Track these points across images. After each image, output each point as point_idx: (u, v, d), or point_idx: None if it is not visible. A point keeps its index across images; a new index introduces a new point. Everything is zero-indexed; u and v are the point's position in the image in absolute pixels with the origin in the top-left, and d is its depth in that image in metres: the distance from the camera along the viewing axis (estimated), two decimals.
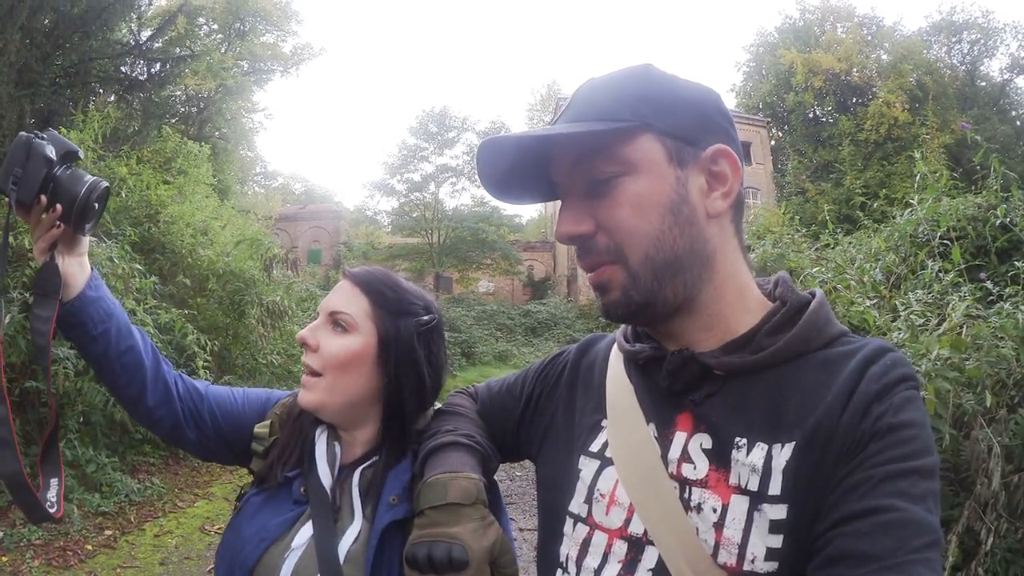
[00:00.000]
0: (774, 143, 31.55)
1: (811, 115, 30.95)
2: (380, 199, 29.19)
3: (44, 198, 0.93)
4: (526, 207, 51.08)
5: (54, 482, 1.00)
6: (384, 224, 29.03)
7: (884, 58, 29.90)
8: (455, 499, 0.82)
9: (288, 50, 24.52)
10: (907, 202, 3.82)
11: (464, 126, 26.79)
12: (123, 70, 9.10)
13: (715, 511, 0.65)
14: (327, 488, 0.95)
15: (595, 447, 0.78)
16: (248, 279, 7.48)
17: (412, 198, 26.95)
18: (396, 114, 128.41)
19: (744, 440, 0.66)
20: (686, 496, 0.68)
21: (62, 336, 0.99)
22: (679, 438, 0.71)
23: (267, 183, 41.25)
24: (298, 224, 29.30)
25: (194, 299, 7.00)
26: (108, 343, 0.99)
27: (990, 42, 30.77)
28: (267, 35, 23.37)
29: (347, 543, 0.91)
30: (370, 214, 29.50)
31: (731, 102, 32.38)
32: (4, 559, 3.80)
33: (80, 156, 0.98)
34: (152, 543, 4.41)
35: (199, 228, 7.37)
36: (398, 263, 23.93)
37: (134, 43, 9.60)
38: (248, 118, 24.67)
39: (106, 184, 1.00)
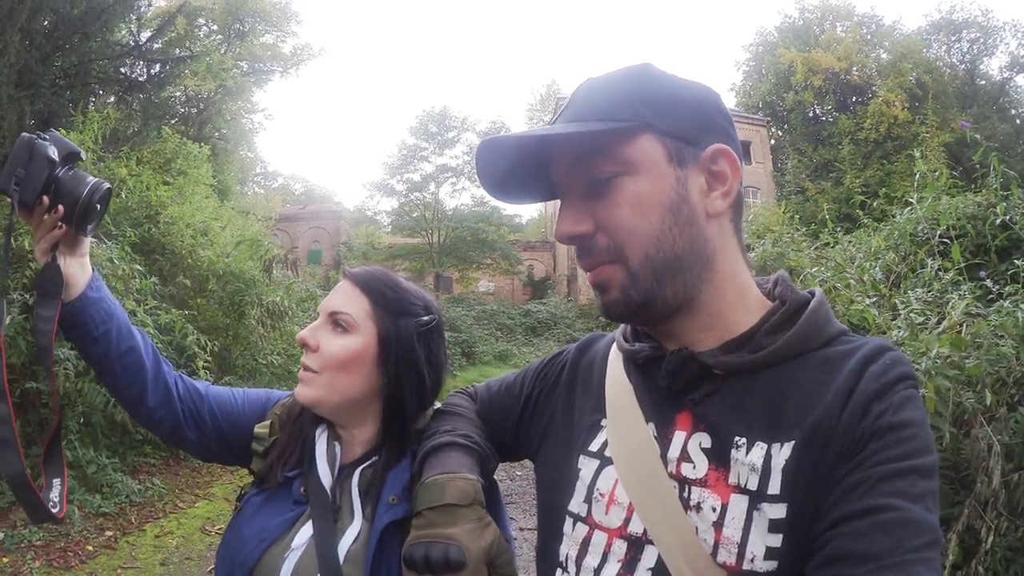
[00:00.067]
0: (774, 142, 31.54)
1: (811, 114, 30.95)
2: (380, 199, 29.25)
3: (46, 199, 0.93)
4: (526, 207, 51.14)
5: (56, 482, 1.00)
6: (384, 224, 29.02)
7: (884, 57, 29.91)
8: (452, 500, 0.82)
9: (288, 51, 24.56)
10: (907, 201, 3.83)
11: (464, 126, 26.79)
12: (123, 71, 9.09)
13: (714, 510, 0.65)
14: (327, 488, 0.95)
15: (594, 446, 0.78)
16: (248, 279, 7.48)
17: (412, 198, 26.93)
18: (396, 114, 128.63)
19: (743, 439, 0.66)
20: (685, 495, 0.68)
21: (63, 336, 0.99)
22: (678, 437, 0.71)
23: (267, 183, 41.34)
24: (298, 224, 29.31)
25: (194, 300, 7.00)
26: (109, 344, 0.99)
27: (990, 41, 30.78)
28: (267, 36, 23.37)
29: (347, 543, 0.91)
30: (370, 214, 29.50)
31: (731, 101, 32.39)
32: (5, 560, 3.81)
33: (82, 157, 0.99)
34: (153, 544, 4.41)
35: (199, 229, 7.37)
36: (398, 263, 23.92)
37: (134, 44, 9.58)
38: (248, 119, 24.70)
39: (108, 185, 1.00)
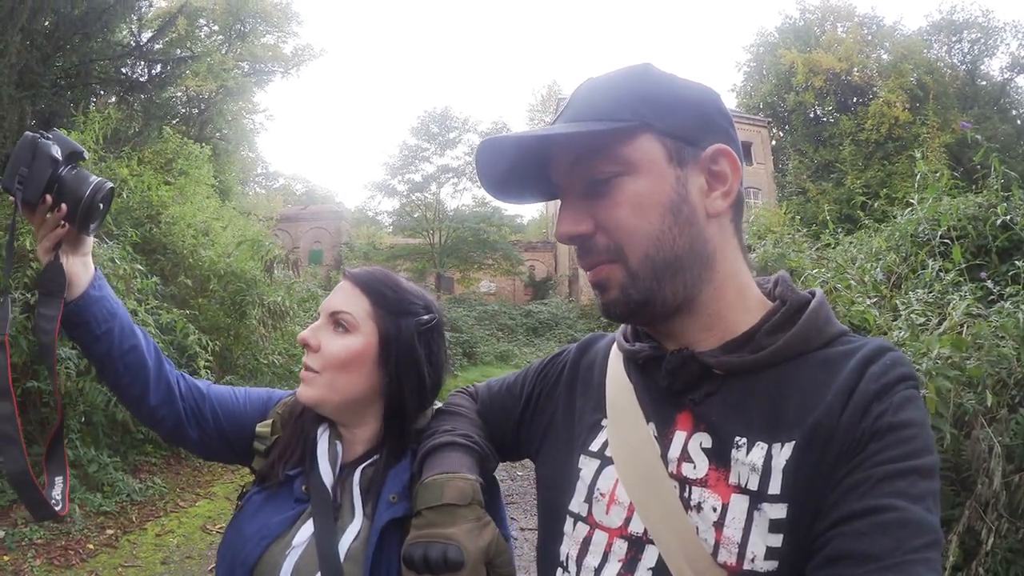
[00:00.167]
0: (775, 143, 31.54)
1: (812, 115, 30.93)
2: (381, 200, 29.19)
3: (49, 198, 0.94)
4: (527, 207, 51.27)
5: (59, 480, 1.00)
6: (385, 225, 29.01)
7: (884, 58, 29.90)
8: (451, 500, 0.82)
9: (289, 51, 24.58)
10: (908, 202, 3.82)
11: (465, 127, 26.76)
12: (124, 71, 9.11)
13: (715, 510, 0.65)
14: (328, 486, 0.96)
15: (595, 446, 0.78)
16: (249, 280, 7.49)
17: (413, 199, 26.91)
18: (397, 115, 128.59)
19: (744, 439, 0.66)
20: (686, 495, 0.67)
21: (66, 335, 0.99)
22: (679, 437, 0.71)
23: (268, 184, 41.39)
24: (299, 225, 29.33)
25: (195, 299, 7.01)
26: (111, 342, 0.99)
27: (990, 41, 30.79)
28: (267, 36, 23.40)
29: (347, 541, 0.91)
30: (371, 215, 29.48)
31: (732, 102, 32.39)
32: (6, 558, 3.81)
33: (85, 156, 0.99)
34: (154, 542, 4.42)
35: (200, 229, 7.38)
36: (399, 263, 23.91)
37: (135, 44, 9.59)
38: (249, 119, 24.71)
39: (111, 185, 1.00)
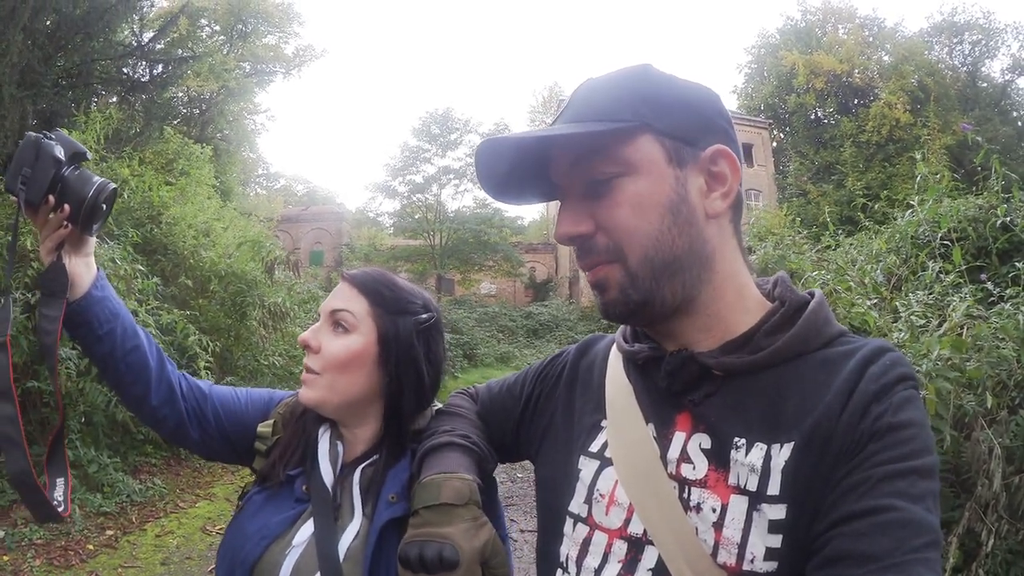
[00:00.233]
0: (775, 145, 31.55)
1: (813, 117, 30.94)
2: (382, 201, 29.23)
3: (52, 198, 0.93)
4: (528, 209, 51.31)
5: (60, 481, 1.00)
6: (386, 226, 28.99)
7: (885, 59, 29.91)
8: (448, 499, 0.82)
9: (290, 52, 24.61)
10: (908, 203, 3.82)
11: (467, 128, 26.73)
12: (125, 71, 9.11)
13: (714, 511, 0.65)
14: (328, 486, 0.96)
15: (595, 447, 0.78)
16: (250, 280, 7.49)
17: (414, 200, 26.89)
18: (398, 116, 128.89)
19: (743, 440, 0.66)
20: (685, 496, 0.67)
21: (68, 335, 0.99)
22: (678, 438, 0.71)
23: (269, 184, 41.41)
24: (300, 226, 29.36)
25: (196, 300, 7.02)
26: (113, 343, 0.99)
27: (991, 43, 30.80)
28: (269, 36, 23.43)
29: (347, 541, 0.91)
30: (372, 216, 29.45)
31: (733, 104, 32.40)
32: (6, 558, 3.81)
33: (88, 157, 0.99)
34: (153, 543, 4.42)
35: (201, 229, 7.38)
36: (400, 265, 23.90)
37: (136, 44, 9.60)
38: (250, 119, 24.75)
39: (114, 186, 1.00)
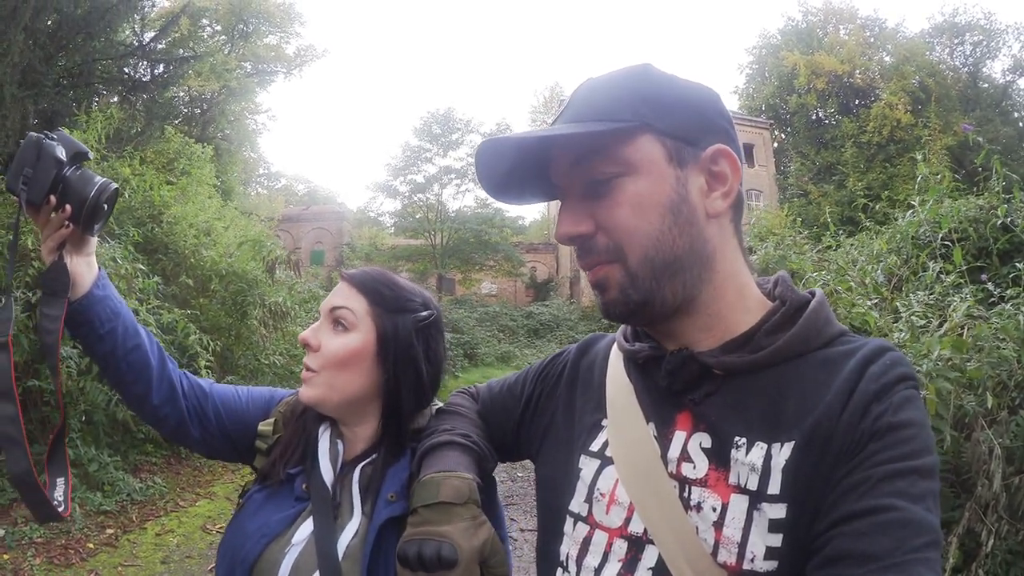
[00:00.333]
0: (777, 145, 31.54)
1: (814, 117, 30.91)
2: (383, 200, 29.12)
3: (54, 198, 0.94)
4: (528, 209, 51.25)
5: (60, 481, 1.00)
6: (387, 225, 28.98)
7: (887, 60, 29.87)
8: (447, 498, 0.82)
9: (291, 51, 24.63)
10: (909, 204, 3.82)
11: (468, 128, 26.70)
12: (126, 71, 9.11)
13: (715, 510, 0.65)
14: (328, 485, 0.96)
15: (595, 446, 0.78)
16: (251, 280, 7.49)
17: (415, 199, 26.88)
18: (399, 116, 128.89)
19: (743, 439, 0.66)
20: (686, 495, 0.68)
21: (69, 335, 0.99)
22: (678, 437, 0.71)
23: (270, 184, 41.38)
24: (301, 225, 29.37)
25: (197, 299, 7.02)
26: (115, 342, 0.99)
27: (992, 43, 30.76)
28: (270, 36, 23.45)
29: (346, 539, 0.92)
30: (373, 215, 29.43)
31: (734, 104, 32.38)
32: (6, 557, 3.82)
33: (89, 157, 0.99)
34: (154, 542, 4.42)
35: (202, 229, 7.38)
36: (401, 264, 23.89)
37: (137, 44, 9.59)
38: (251, 119, 24.75)
39: (116, 186, 1.00)
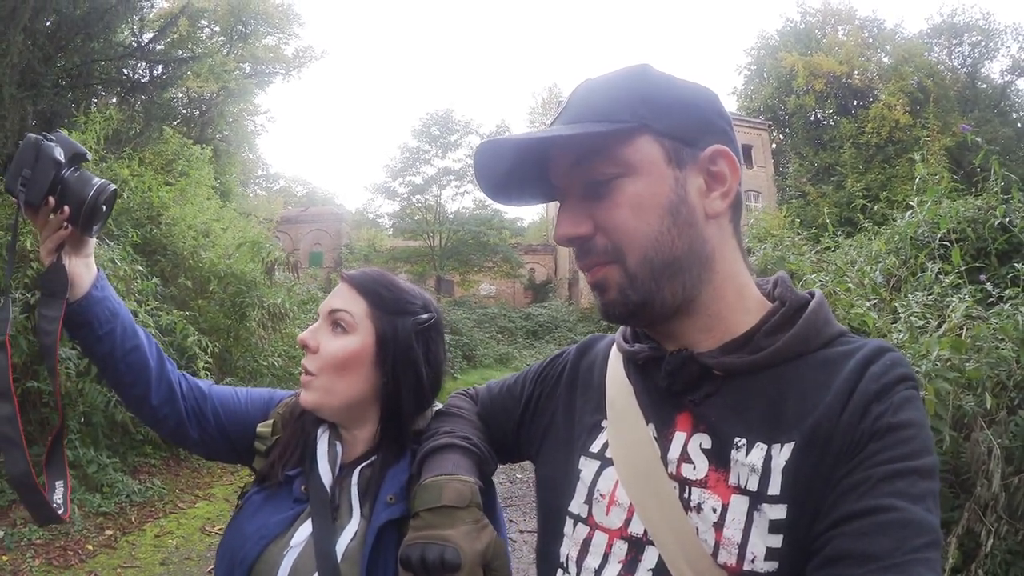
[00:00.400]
0: (775, 146, 31.58)
1: (812, 118, 30.96)
2: (382, 202, 29.23)
3: (52, 200, 0.94)
4: (527, 210, 51.24)
5: (59, 484, 1.00)
6: (386, 227, 29.02)
7: (885, 60, 29.94)
8: (449, 502, 0.82)
9: (290, 53, 24.66)
10: (907, 204, 3.82)
11: (467, 129, 26.76)
12: (125, 72, 9.11)
13: (715, 511, 0.65)
14: (327, 487, 0.96)
15: (595, 447, 0.78)
16: (249, 281, 7.49)
17: (414, 201, 26.92)
18: (398, 117, 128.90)
19: (743, 440, 0.66)
20: (686, 496, 0.67)
21: (68, 336, 0.99)
22: (678, 438, 0.71)
23: (269, 185, 41.37)
24: (300, 227, 29.38)
25: (195, 301, 7.02)
26: (114, 343, 0.99)
27: (991, 44, 30.86)
28: (269, 37, 23.48)
29: (345, 541, 0.91)
30: (372, 217, 29.50)
31: (732, 105, 32.42)
32: (5, 558, 3.81)
33: (87, 158, 0.99)
34: (153, 543, 4.42)
35: (201, 230, 7.38)
36: (399, 266, 23.91)
37: (136, 45, 9.58)
38: (250, 120, 24.73)
39: (114, 187, 1.00)
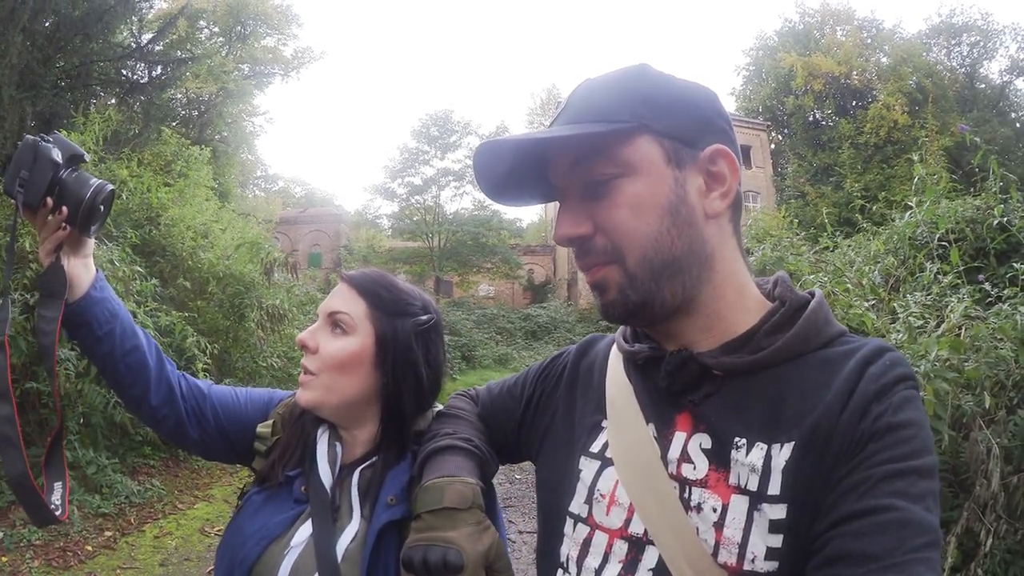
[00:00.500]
0: (774, 147, 31.60)
1: (811, 118, 30.97)
2: (381, 203, 29.18)
3: (50, 201, 0.94)
4: (526, 211, 51.39)
5: (58, 485, 1.00)
6: (385, 228, 29.01)
7: (884, 61, 29.94)
8: (451, 503, 0.82)
9: (289, 53, 24.65)
10: (906, 205, 3.82)
11: (466, 130, 26.77)
12: (124, 73, 9.10)
13: (715, 511, 0.65)
14: (327, 488, 0.96)
15: (595, 447, 0.78)
16: (248, 282, 7.48)
17: (413, 202, 26.93)
18: (397, 118, 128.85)
19: (743, 440, 0.66)
20: (686, 496, 0.67)
21: (67, 336, 0.99)
22: (678, 438, 0.71)
23: (268, 186, 41.42)
24: (299, 227, 29.38)
25: (194, 302, 7.01)
26: (113, 343, 0.99)
27: (989, 44, 30.88)
28: (268, 38, 23.47)
29: (345, 542, 0.91)
30: (371, 218, 29.47)
31: (731, 106, 32.43)
32: (4, 559, 3.80)
33: (85, 159, 0.99)
34: (152, 544, 4.41)
35: (200, 231, 7.38)
36: (398, 267, 23.90)
37: (135, 46, 9.57)
38: (249, 121, 24.69)
39: (112, 187, 1.00)
